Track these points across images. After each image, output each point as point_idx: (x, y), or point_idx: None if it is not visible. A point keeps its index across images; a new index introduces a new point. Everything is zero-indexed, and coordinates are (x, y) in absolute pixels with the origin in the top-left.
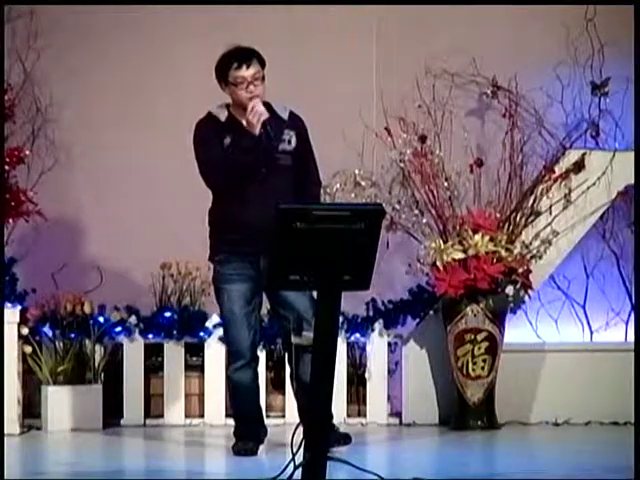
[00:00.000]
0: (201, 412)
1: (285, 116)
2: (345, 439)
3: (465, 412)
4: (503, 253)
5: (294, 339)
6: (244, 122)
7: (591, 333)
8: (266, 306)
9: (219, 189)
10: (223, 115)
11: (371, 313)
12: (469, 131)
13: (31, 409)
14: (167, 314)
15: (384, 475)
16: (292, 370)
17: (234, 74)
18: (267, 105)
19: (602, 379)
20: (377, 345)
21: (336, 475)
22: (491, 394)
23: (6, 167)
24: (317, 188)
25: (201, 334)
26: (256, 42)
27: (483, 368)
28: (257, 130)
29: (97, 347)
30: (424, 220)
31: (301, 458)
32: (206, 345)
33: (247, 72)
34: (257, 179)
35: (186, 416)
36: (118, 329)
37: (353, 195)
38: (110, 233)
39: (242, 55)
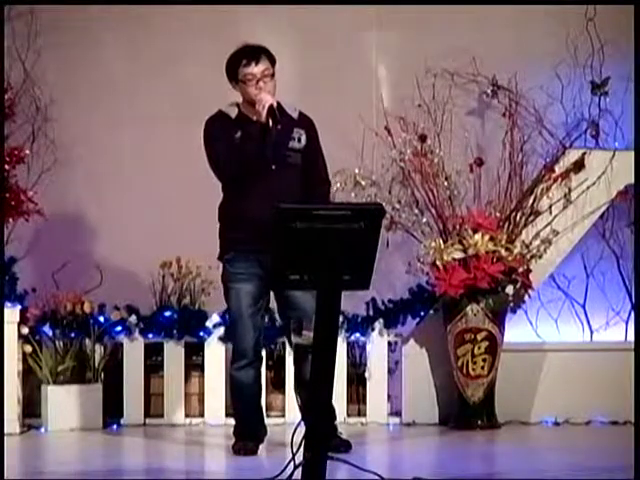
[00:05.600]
0: (201, 412)
1: (295, 115)
2: (346, 446)
3: (465, 411)
4: (503, 252)
5: (294, 339)
6: (254, 118)
7: (591, 333)
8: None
9: (231, 183)
10: (233, 112)
11: (371, 313)
12: (469, 130)
13: (31, 409)
14: (167, 313)
15: (384, 475)
16: (295, 370)
17: (243, 71)
18: (277, 104)
19: (602, 379)
20: (377, 345)
21: (336, 475)
22: (491, 393)
23: (6, 167)
24: (326, 187)
25: (201, 333)
26: (256, 42)
27: (483, 367)
28: (264, 116)
29: (97, 346)
30: (424, 219)
31: (301, 458)
32: (206, 344)
33: (256, 69)
34: (267, 175)
35: (186, 416)
36: (118, 328)
37: (353, 195)
38: (110, 233)
39: (251, 52)
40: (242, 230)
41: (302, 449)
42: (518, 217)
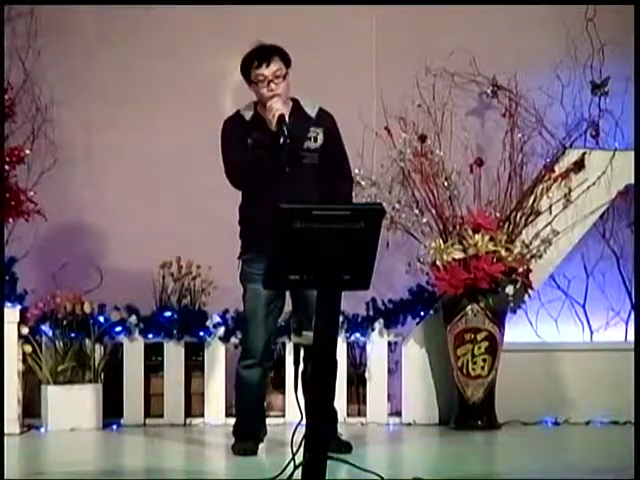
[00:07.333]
0: (201, 412)
1: (313, 113)
2: (346, 447)
3: (465, 412)
4: (503, 253)
5: (294, 339)
6: (268, 123)
7: (591, 333)
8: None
9: (243, 189)
10: (249, 114)
11: (371, 313)
12: (469, 131)
13: (31, 409)
14: (167, 314)
15: (384, 475)
16: (296, 368)
17: (255, 72)
18: (295, 102)
19: (602, 379)
20: (377, 345)
21: (336, 475)
22: (491, 394)
23: (6, 167)
24: (347, 185)
25: (201, 334)
26: (256, 42)
27: (483, 368)
28: (273, 126)
29: (97, 347)
30: (424, 220)
31: (301, 458)
32: (206, 345)
33: (267, 70)
34: (281, 177)
35: (186, 416)
36: (118, 329)
37: (353, 195)
38: (110, 233)
39: (263, 53)
40: (258, 232)
41: (302, 449)
42: (518, 217)
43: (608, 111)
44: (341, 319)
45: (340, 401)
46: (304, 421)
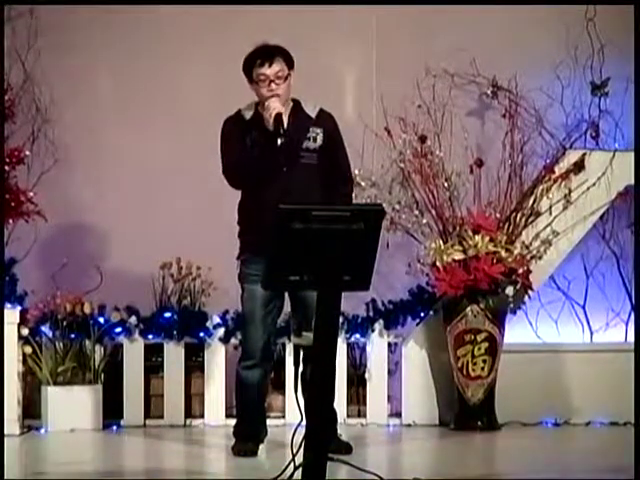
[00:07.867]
0: (201, 413)
1: (313, 114)
2: (346, 448)
3: (465, 412)
4: (503, 253)
5: (294, 339)
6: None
7: (591, 333)
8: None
9: (241, 188)
10: (249, 114)
11: (371, 313)
12: (469, 131)
13: (31, 410)
14: (167, 314)
15: (384, 476)
16: (296, 369)
17: (257, 71)
18: (296, 102)
19: (602, 379)
20: (377, 345)
21: (336, 475)
22: (491, 394)
23: (6, 167)
24: (347, 186)
25: (201, 334)
26: (256, 43)
27: (483, 368)
28: (270, 126)
29: (97, 347)
30: (424, 220)
31: (301, 459)
32: (206, 345)
33: (269, 70)
34: (278, 177)
35: (186, 417)
36: (118, 329)
37: (353, 195)
38: (110, 233)
39: (266, 53)
40: (255, 232)
41: (302, 450)
42: (518, 218)
43: (608, 112)
44: (341, 320)
45: (340, 402)
46: (304, 422)
